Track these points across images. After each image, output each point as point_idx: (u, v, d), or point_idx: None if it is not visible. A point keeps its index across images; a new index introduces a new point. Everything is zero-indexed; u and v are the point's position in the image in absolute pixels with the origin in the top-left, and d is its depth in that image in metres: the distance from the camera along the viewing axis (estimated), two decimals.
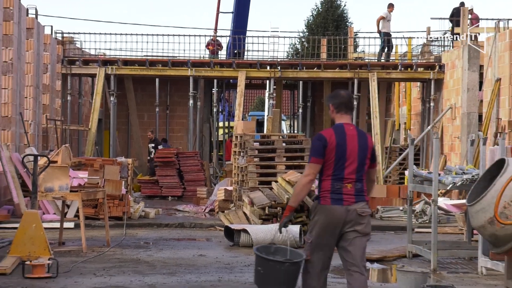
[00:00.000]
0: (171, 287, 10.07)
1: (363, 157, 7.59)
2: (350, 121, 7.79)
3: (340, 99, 7.79)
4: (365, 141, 7.68)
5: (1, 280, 10.23)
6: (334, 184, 7.50)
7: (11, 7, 19.03)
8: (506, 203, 6.62)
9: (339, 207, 7.42)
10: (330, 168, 7.50)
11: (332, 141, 7.48)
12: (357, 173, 7.55)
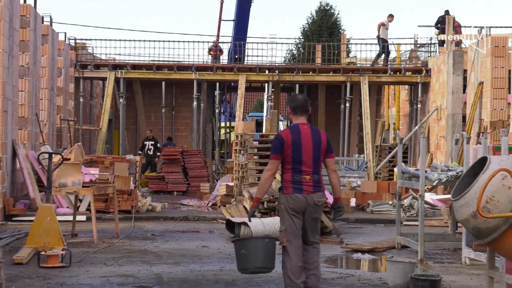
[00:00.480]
0: (176, 276, 10.07)
1: (317, 152, 8.21)
2: (305, 121, 8.44)
3: (296, 102, 8.57)
4: (319, 137, 8.31)
5: (18, 269, 10.24)
6: (294, 176, 8.15)
7: (27, 15, 19.04)
8: (488, 198, 6.62)
9: (300, 195, 8.09)
10: (289, 162, 8.16)
11: (288, 139, 8.14)
12: (313, 166, 8.19)
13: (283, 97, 41.80)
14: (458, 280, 10.13)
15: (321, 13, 51.04)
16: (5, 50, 16.37)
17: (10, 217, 16.30)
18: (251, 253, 8.13)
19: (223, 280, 9.80)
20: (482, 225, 6.69)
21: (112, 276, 9.95)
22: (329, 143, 8.43)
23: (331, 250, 13.05)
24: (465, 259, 11.47)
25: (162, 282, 9.62)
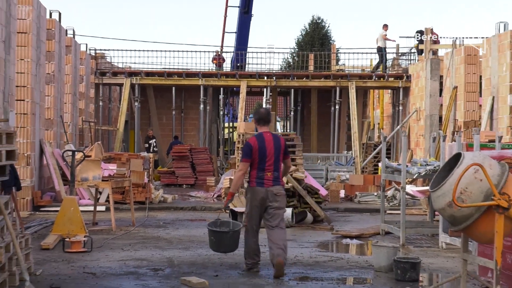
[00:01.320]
0: (186, 260, 10.07)
1: (277, 154, 9.23)
2: (268, 130, 9.46)
3: (260, 115, 9.58)
4: (278, 143, 9.31)
5: (45, 254, 10.24)
6: (258, 173, 9.18)
7: (53, 28, 19.05)
8: (462, 189, 6.61)
9: (261, 188, 9.13)
10: (256, 163, 9.16)
11: (256, 146, 9.14)
12: (274, 165, 9.22)
13: (280, 101, 41.82)
14: (436, 262, 10.14)
15: (313, 25, 51.03)
16: (33, 59, 16.38)
17: (38, 207, 16.31)
18: (217, 242, 9.30)
19: (227, 263, 9.80)
20: (457, 213, 6.68)
21: (129, 260, 9.96)
22: (286, 147, 9.58)
23: (322, 236, 13.05)
24: (442, 243, 11.47)
25: (173, 265, 9.62)
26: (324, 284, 8.48)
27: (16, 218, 10.78)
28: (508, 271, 7.82)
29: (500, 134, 12.90)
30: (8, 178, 8.43)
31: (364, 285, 8.55)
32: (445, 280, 8.54)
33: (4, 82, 13.90)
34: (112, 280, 8.52)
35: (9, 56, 14.21)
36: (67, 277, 8.58)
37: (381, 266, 9.35)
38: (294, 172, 15.63)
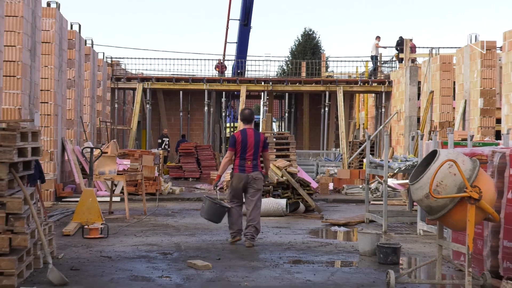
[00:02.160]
0: (191, 245, 10.07)
1: (257, 147, 10.16)
2: (251, 127, 10.40)
3: (244, 116, 10.57)
4: (258, 137, 10.26)
5: (66, 240, 10.24)
6: (241, 161, 10.14)
7: (73, 39, 19.04)
8: (438, 182, 6.61)
9: (242, 173, 10.09)
10: (239, 153, 10.12)
11: (239, 138, 10.13)
12: (253, 155, 10.15)
13: (276, 103, 41.82)
14: (414, 247, 10.15)
15: (305, 36, 51.05)
16: (56, 66, 16.37)
17: (60, 198, 16.32)
18: (206, 208, 10.31)
19: (228, 248, 9.80)
20: (433, 204, 6.68)
21: (141, 245, 9.96)
22: (265, 142, 10.45)
23: (313, 224, 13.06)
24: (420, 231, 11.48)
25: (180, 250, 9.62)
26: (315, 266, 8.48)
27: (40, 208, 10.79)
28: (478, 255, 7.82)
29: (471, 134, 12.91)
30: (33, 172, 8.42)
31: (350, 267, 8.55)
32: (422, 263, 8.54)
33: (30, 87, 13.89)
34: (126, 263, 8.52)
35: (34, 63, 14.20)
36: (86, 260, 8.58)
37: (365, 251, 9.36)
38: (288, 167, 15.64)
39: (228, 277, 7.73)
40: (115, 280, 7.46)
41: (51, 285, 7.05)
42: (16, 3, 13.13)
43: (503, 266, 7.44)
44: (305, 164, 24.35)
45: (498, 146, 11.14)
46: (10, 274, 6.85)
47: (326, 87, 29.48)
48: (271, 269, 8.24)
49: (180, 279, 7.59)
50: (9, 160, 7.00)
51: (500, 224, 7.47)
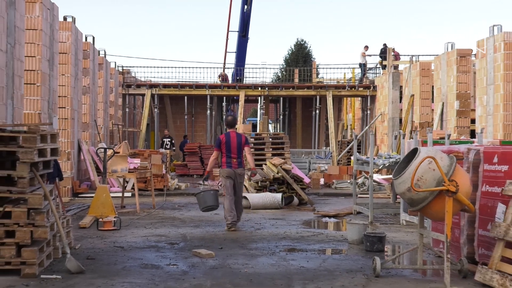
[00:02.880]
0: (196, 235, 10.06)
1: (240, 147, 10.95)
2: (233, 130, 11.19)
3: (227, 122, 11.56)
4: (240, 139, 11.02)
5: (83, 232, 10.23)
6: (227, 159, 10.95)
7: (88, 49, 19.03)
8: (419, 177, 6.61)
9: (229, 169, 10.91)
10: (224, 152, 10.93)
11: (223, 140, 10.98)
12: (237, 154, 10.94)
13: (272, 107, 41.81)
14: (398, 236, 10.15)
15: (298, 46, 51.08)
16: (72, 75, 16.36)
17: (77, 194, 16.31)
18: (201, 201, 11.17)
19: (229, 238, 9.80)
20: (415, 196, 6.68)
21: (150, 236, 9.95)
22: (246, 141, 11.17)
23: (306, 215, 13.05)
24: (403, 221, 11.48)
25: (186, 240, 9.61)
26: (308, 254, 8.48)
27: (59, 203, 10.78)
28: (456, 243, 7.83)
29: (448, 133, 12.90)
30: (52, 171, 8.41)
31: (340, 255, 8.55)
32: (405, 250, 8.54)
33: (48, 93, 13.88)
34: (137, 252, 8.51)
35: (52, 72, 14.19)
36: (101, 250, 8.57)
37: (353, 240, 9.36)
38: (283, 164, 15.64)
39: (230, 264, 7.73)
40: (127, 268, 7.45)
41: (69, 273, 7.04)
42: (35, 18, 13.13)
43: (478, 253, 7.44)
44: (299, 162, 24.37)
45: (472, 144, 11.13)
46: (31, 263, 6.85)
47: (316, 92, 29.52)
48: (268, 257, 8.23)
49: (186, 267, 7.58)
50: (30, 160, 6.99)
51: (476, 215, 7.48)
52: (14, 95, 10.79)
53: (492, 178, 7.32)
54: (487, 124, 16.74)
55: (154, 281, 6.77)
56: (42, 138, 7.38)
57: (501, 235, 6.62)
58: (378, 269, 7.07)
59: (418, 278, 7.10)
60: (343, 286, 6.59)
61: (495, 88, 16.49)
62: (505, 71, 16.04)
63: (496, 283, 6.41)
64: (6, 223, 6.91)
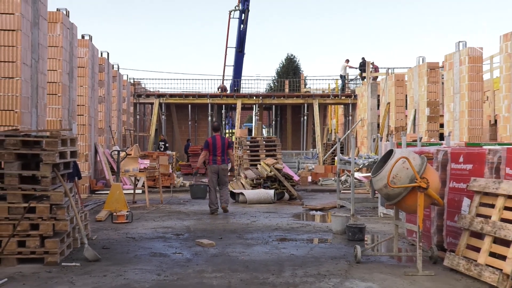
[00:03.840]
0: (199, 227, 10.05)
1: (223, 148, 11.81)
2: (218, 134, 12.01)
3: (212, 126, 12.50)
4: (223, 141, 11.84)
5: (99, 224, 10.20)
6: (213, 157, 11.83)
7: (103, 64, 18.99)
8: (394, 175, 6.62)
9: (214, 165, 11.83)
10: (211, 152, 11.81)
11: (210, 142, 11.84)
12: (221, 153, 11.80)
13: (265, 114, 41.81)
14: (376, 227, 10.16)
15: (288, 60, 51.09)
16: (89, 86, 16.33)
17: (93, 191, 16.26)
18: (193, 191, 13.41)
19: (228, 229, 9.79)
20: (391, 192, 6.69)
21: (158, 227, 9.94)
22: (229, 143, 11.98)
23: (296, 209, 13.06)
24: (380, 213, 11.50)
25: (190, 231, 9.60)
26: (298, 243, 8.48)
27: (78, 199, 10.75)
28: (427, 233, 7.84)
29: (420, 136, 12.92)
30: (72, 171, 8.40)
31: (325, 243, 8.55)
32: (383, 239, 8.55)
33: (68, 102, 13.85)
34: (147, 242, 8.50)
35: (72, 83, 14.16)
36: (114, 241, 8.55)
37: (337, 230, 9.36)
38: (275, 164, 15.63)
39: (228, 252, 7.72)
40: (138, 256, 7.43)
41: (87, 261, 7.03)
42: (57, 36, 13.11)
43: (446, 241, 7.46)
44: (289, 162, 24.37)
45: (441, 145, 11.16)
46: (54, 252, 6.84)
47: (304, 100, 29.55)
48: (263, 246, 8.23)
49: (190, 255, 7.57)
50: (52, 162, 6.98)
51: (444, 208, 7.50)
52: (38, 104, 10.77)
53: (458, 175, 7.35)
54: (454, 128, 16.78)
55: (162, 268, 6.76)
56: (62, 142, 7.37)
57: (466, 225, 6.64)
58: (359, 256, 7.08)
59: (394, 264, 7.11)
60: (328, 271, 6.59)
61: (460, 96, 16.54)
62: (470, 82, 16.09)
63: (462, 268, 6.42)
64: (31, 217, 6.90)
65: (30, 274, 6.40)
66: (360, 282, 6.12)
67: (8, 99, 9.63)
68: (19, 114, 9.69)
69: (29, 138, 7.07)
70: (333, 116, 34.93)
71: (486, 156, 6.92)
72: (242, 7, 32.19)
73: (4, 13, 9.66)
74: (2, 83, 9.65)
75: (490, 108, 21.18)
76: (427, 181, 6.54)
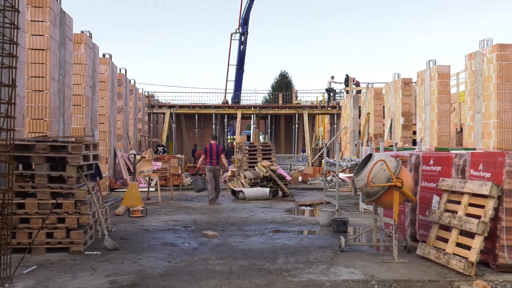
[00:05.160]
0: (204, 220, 10.02)
1: (217, 153, 12.85)
2: (214, 142, 13.06)
3: (211, 136, 13.43)
4: (217, 148, 12.91)
5: (117, 218, 10.17)
6: (210, 160, 12.74)
7: (121, 79, 18.98)
8: (373, 176, 6.61)
9: (211, 166, 12.71)
10: (208, 156, 12.77)
11: (208, 148, 12.83)
12: (216, 157, 12.78)
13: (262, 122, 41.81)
14: (358, 220, 10.14)
15: (281, 76, 51.12)
16: (109, 98, 16.31)
17: (113, 189, 16.21)
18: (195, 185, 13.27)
19: (230, 222, 9.76)
20: (370, 190, 6.68)
21: (169, 221, 9.90)
22: (222, 150, 13.02)
23: (288, 205, 13.03)
24: (361, 209, 11.48)
25: (196, 224, 9.57)
26: (290, 234, 8.45)
27: (99, 196, 10.70)
28: (401, 226, 7.83)
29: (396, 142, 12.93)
30: (94, 171, 8.38)
31: (314, 235, 8.53)
32: (363, 231, 8.53)
33: (91, 112, 13.83)
34: (159, 233, 8.46)
35: (94, 96, 14.13)
36: (131, 232, 8.52)
37: (324, 223, 9.34)
38: (271, 166, 15.61)
39: (230, 242, 7.69)
40: (151, 246, 7.40)
41: (107, 250, 7.00)
42: (81, 55, 13.09)
43: (418, 233, 7.45)
44: (282, 164, 24.34)
45: (414, 150, 11.16)
46: (78, 242, 6.81)
47: (295, 111, 29.53)
48: (259, 236, 8.21)
49: (197, 244, 7.54)
50: (77, 163, 6.96)
51: (417, 204, 7.49)
52: (65, 114, 10.75)
53: (429, 176, 7.34)
54: (425, 135, 16.79)
55: (172, 256, 6.73)
56: (86, 147, 7.35)
57: (436, 219, 6.63)
58: (343, 245, 7.06)
59: (373, 253, 7.09)
60: (316, 259, 6.57)
61: (431, 107, 16.56)
62: (439, 95, 16.11)
63: (433, 256, 6.41)
64: (58, 212, 6.88)
65: (57, 261, 6.37)
66: (343, 268, 6.10)
67: (39, 109, 9.62)
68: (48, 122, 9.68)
69: (57, 143, 7.05)
70: (320, 125, 34.93)
71: (453, 160, 6.92)
72: (241, 30, 32.26)
73: (35, 35, 9.66)
74: (34, 95, 9.64)
75: (457, 117, 21.21)
76: (402, 181, 6.53)
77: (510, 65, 12.74)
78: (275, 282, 5.48)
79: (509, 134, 12.73)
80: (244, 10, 31.84)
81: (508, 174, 5.90)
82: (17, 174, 6.85)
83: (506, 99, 12.73)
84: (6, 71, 5.82)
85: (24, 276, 5.66)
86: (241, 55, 32.57)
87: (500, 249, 5.86)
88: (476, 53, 13.58)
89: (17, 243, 6.62)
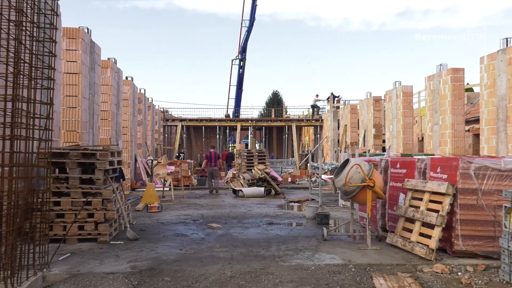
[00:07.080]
0: (210, 215, 9.98)
1: (215, 159, 13.91)
2: (213, 150, 14.27)
3: (210, 146, 14.38)
4: (216, 155, 13.97)
5: (137, 213, 10.13)
6: (210, 163, 13.78)
7: (141, 97, 18.95)
8: (350, 177, 6.61)
9: (210, 168, 13.82)
10: (209, 160, 13.85)
11: (209, 154, 13.91)
12: (214, 162, 13.87)
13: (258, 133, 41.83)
14: (338, 214, 10.12)
15: (274, 95, 51.21)
16: (131, 113, 16.26)
17: (134, 189, 16.11)
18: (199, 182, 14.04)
19: (231, 216, 9.73)
20: (348, 189, 6.68)
21: (181, 215, 9.86)
22: (219, 156, 14.21)
23: (280, 201, 13.00)
24: (340, 204, 11.46)
25: (203, 217, 9.52)
26: (281, 226, 8.43)
27: (122, 195, 10.64)
28: (374, 218, 7.81)
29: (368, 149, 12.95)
30: (118, 174, 8.35)
31: (301, 226, 8.51)
32: (342, 223, 8.52)
33: (116, 125, 13.78)
34: (172, 226, 8.42)
35: (118, 111, 14.11)
36: (149, 225, 8.48)
37: (310, 217, 9.32)
38: (265, 169, 15.58)
39: (231, 233, 7.66)
40: (166, 236, 7.37)
41: (128, 240, 6.96)
42: (107, 77, 13.09)
43: (388, 224, 7.44)
44: (275, 167, 24.32)
45: (383, 156, 11.17)
46: (104, 234, 6.77)
47: (285, 123, 29.54)
48: (256, 228, 8.18)
49: (204, 235, 7.51)
50: (104, 168, 6.94)
51: (386, 200, 7.48)
52: (94, 127, 10.73)
53: (396, 177, 7.35)
54: (393, 143, 16.82)
55: (183, 244, 6.70)
56: (111, 154, 7.33)
57: (402, 213, 6.63)
58: (325, 235, 7.04)
59: (350, 241, 7.08)
60: (303, 246, 6.55)
61: (397, 120, 16.60)
62: (403, 110, 16.16)
63: (400, 244, 6.40)
64: (88, 208, 6.84)
65: (87, 250, 6.33)
66: (326, 254, 6.08)
67: (72, 123, 9.60)
68: (80, 133, 9.65)
69: (87, 151, 7.03)
70: (306, 135, 34.95)
71: (416, 164, 6.93)
72: (241, 56, 32.37)
73: (70, 61, 9.67)
74: (68, 111, 9.62)
75: (418, 128, 21.27)
76: (374, 181, 6.54)
77: (461, 85, 12.85)
78: (269, 266, 5.46)
79: (461, 142, 12.80)
80: (243, 40, 31.97)
81: (461, 175, 5.92)
82: (54, 177, 6.82)
83: (459, 113, 12.81)
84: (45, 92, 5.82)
85: (60, 262, 5.63)
86: (240, 77, 32.63)
87: (456, 238, 5.87)
88: (434, 76, 13.67)
89: (54, 234, 6.58)
